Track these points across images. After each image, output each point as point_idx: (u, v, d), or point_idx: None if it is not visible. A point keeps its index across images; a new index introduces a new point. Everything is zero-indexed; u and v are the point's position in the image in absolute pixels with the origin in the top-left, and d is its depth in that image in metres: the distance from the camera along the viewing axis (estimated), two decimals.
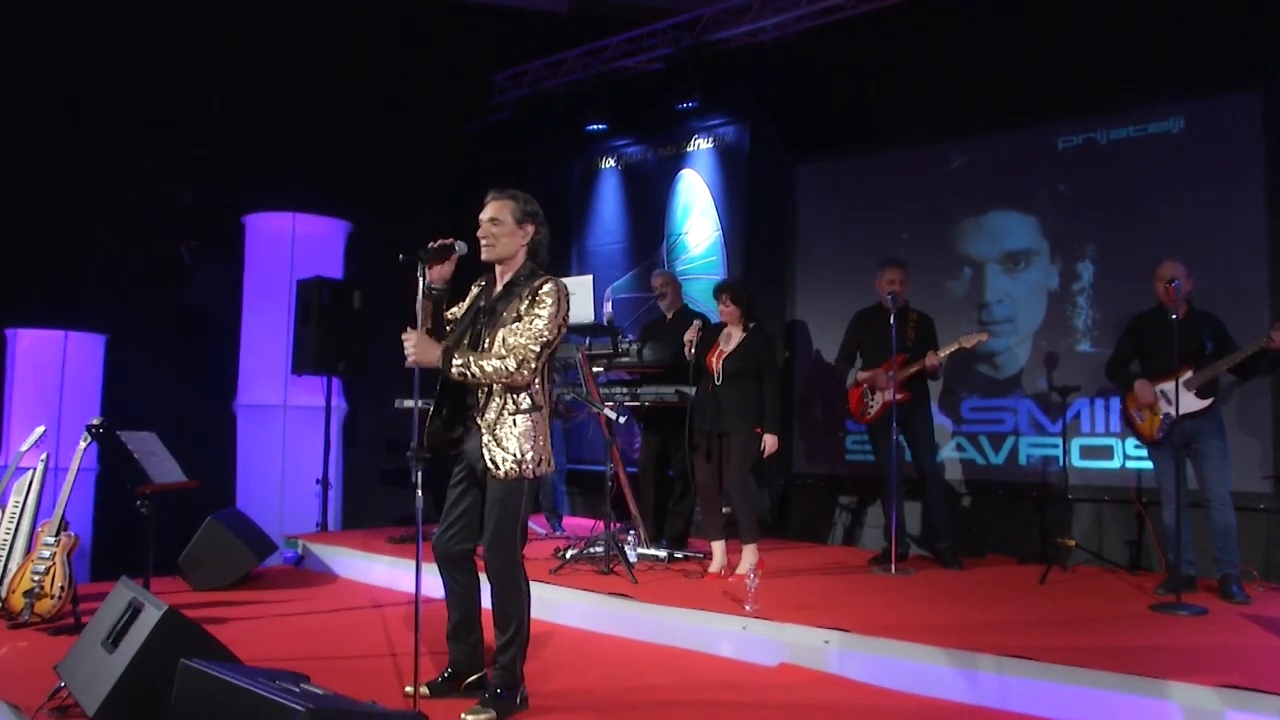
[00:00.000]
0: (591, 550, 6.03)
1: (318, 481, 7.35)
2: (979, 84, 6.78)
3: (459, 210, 8.97)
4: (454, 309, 3.85)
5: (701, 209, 8.19)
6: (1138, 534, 6.12)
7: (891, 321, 5.87)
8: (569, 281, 6.27)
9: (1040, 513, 6.45)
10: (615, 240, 8.65)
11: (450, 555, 3.74)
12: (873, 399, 6.18)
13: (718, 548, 5.79)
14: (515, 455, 3.51)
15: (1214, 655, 4.01)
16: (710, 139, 8.19)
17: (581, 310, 6.22)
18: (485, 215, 3.68)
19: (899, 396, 5.96)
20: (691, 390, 6.22)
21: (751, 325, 5.73)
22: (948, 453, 6.79)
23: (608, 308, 6.81)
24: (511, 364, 3.43)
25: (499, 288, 3.71)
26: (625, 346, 6.26)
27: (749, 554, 5.62)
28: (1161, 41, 6.07)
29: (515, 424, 3.53)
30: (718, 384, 5.68)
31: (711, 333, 5.93)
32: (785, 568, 5.98)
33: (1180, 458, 5.21)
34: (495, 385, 3.52)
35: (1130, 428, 5.40)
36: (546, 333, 3.50)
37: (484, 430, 3.54)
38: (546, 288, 3.54)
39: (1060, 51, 6.47)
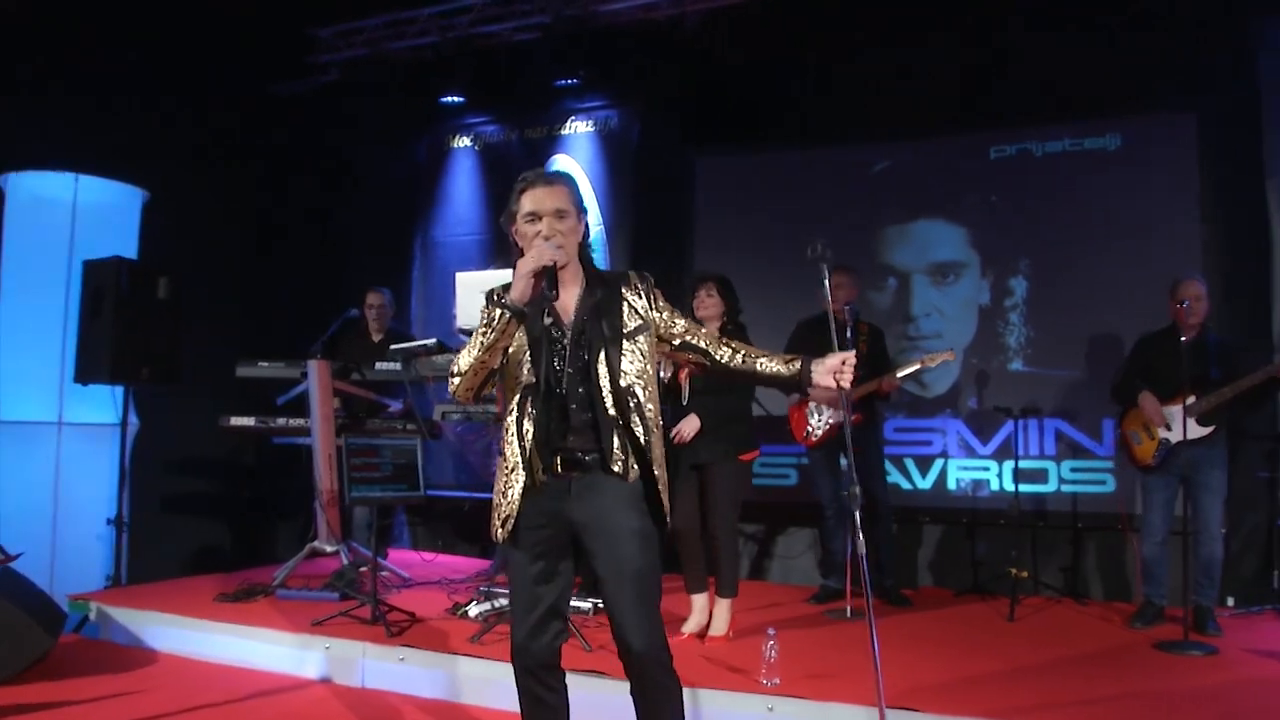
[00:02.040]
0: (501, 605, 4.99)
1: (110, 522, 5.67)
2: (906, 84, 6.33)
3: (273, 181, 7.54)
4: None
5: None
6: (1073, 560, 5.91)
7: (849, 334, 5.27)
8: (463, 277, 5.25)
9: (971, 540, 6.10)
10: (470, 231, 7.50)
11: (546, 661, 2.74)
12: (819, 419, 5.55)
13: (699, 602, 4.83)
14: (667, 503, 2.74)
15: None
16: (590, 122, 7.26)
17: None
18: (545, 207, 2.65)
19: (852, 417, 5.39)
20: None
21: (729, 327, 4.89)
22: None
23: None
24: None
25: (573, 297, 2.71)
26: None
27: (724, 610, 4.73)
28: (1101, 58, 5.87)
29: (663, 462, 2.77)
30: (684, 404, 4.79)
31: None
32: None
33: (1175, 486, 4.98)
34: (652, 414, 2.71)
35: (1125, 451, 5.10)
36: None
37: (657, 471, 2.68)
38: (648, 279, 2.84)
39: (996, 59, 6.13)
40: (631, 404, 2.63)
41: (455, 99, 7.45)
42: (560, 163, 7.31)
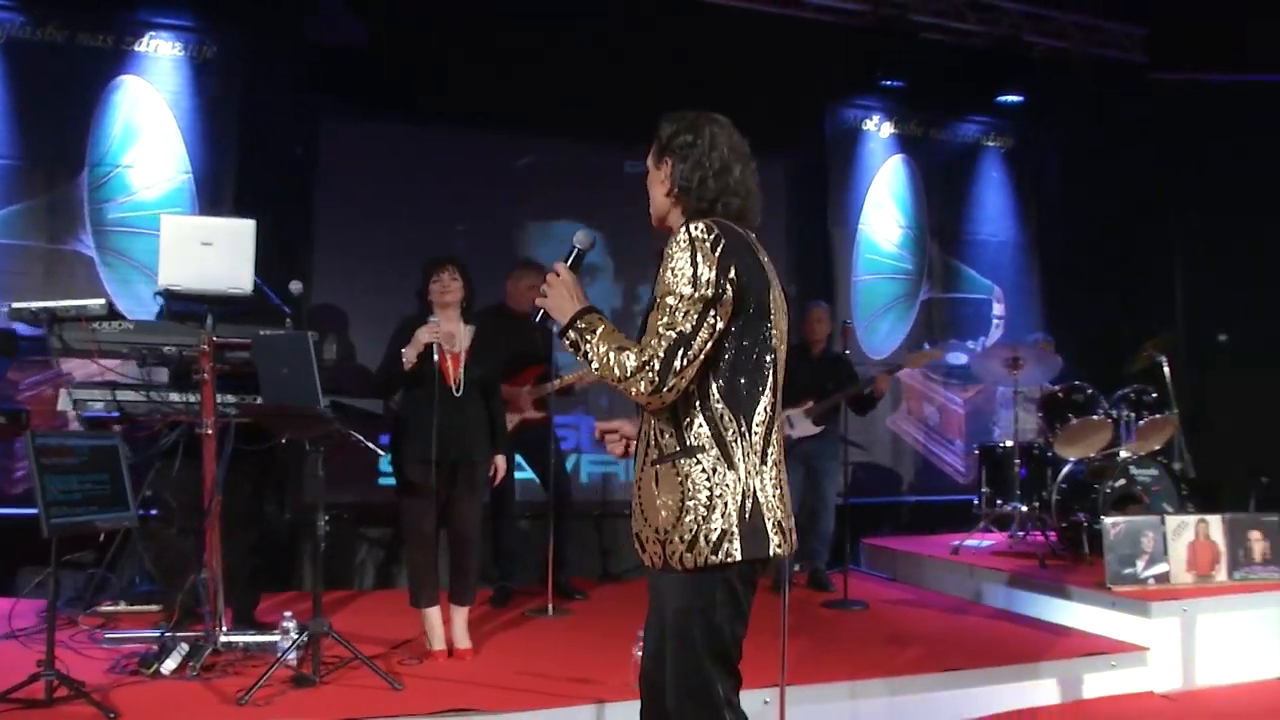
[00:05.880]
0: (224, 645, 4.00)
1: None
2: (552, 83, 6.33)
3: None
4: None
5: (161, 139, 5.74)
6: None
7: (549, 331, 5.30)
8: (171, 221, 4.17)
9: (599, 532, 6.42)
10: None
11: (659, 688, 2.35)
12: None
13: (436, 617, 4.36)
14: (657, 531, 2.20)
15: (956, 640, 4.78)
16: (178, 44, 5.79)
17: (223, 271, 4.02)
18: None
19: (537, 415, 5.43)
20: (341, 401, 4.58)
21: (471, 319, 4.50)
22: None
23: (295, 285, 4.42)
24: (629, 361, 2.12)
25: None
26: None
27: (465, 619, 4.44)
28: (715, 98, 6.62)
29: (656, 479, 2.21)
30: (457, 395, 4.31)
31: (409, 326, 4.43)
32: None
33: (800, 471, 5.94)
34: (642, 414, 2.28)
35: None
36: (680, 317, 2.12)
37: (632, 489, 2.33)
38: (671, 242, 2.21)
39: (633, 78, 6.52)
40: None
41: None
42: (128, 84, 5.75)
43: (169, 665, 3.88)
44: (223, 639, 4.17)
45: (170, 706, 3.52)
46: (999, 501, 6.15)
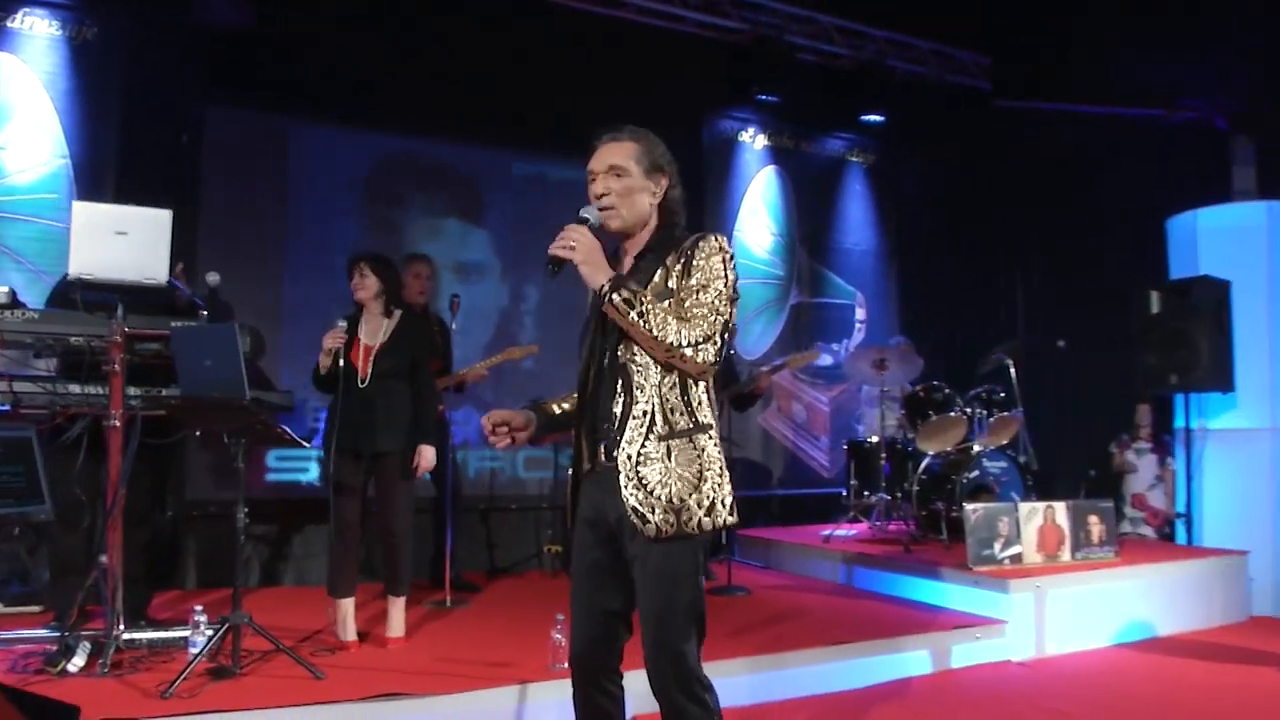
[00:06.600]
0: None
1: None
2: (443, 84, 6.43)
3: None
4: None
5: (35, 120, 5.47)
6: (565, 536, 6.76)
7: (445, 326, 5.69)
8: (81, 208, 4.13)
9: (485, 525, 6.52)
10: None
11: (595, 666, 2.58)
12: None
13: (349, 607, 4.42)
14: (670, 501, 2.38)
15: (844, 616, 5.22)
16: (55, 24, 5.54)
17: (137, 260, 3.96)
18: (599, 164, 2.57)
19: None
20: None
21: (397, 311, 4.57)
22: None
23: (212, 277, 4.34)
24: (691, 330, 2.33)
25: (624, 267, 2.54)
26: None
27: (402, 609, 4.55)
28: (595, 108, 6.85)
29: (669, 453, 2.39)
30: (363, 386, 4.38)
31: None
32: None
33: None
34: (638, 392, 2.42)
35: None
36: (722, 305, 2.38)
37: (620, 465, 2.42)
38: (705, 244, 2.43)
39: (520, 84, 6.65)
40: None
41: None
42: (4, 65, 5.46)
43: (77, 663, 3.80)
44: (125, 636, 4.10)
45: (90, 703, 3.42)
46: (866, 493, 6.62)
